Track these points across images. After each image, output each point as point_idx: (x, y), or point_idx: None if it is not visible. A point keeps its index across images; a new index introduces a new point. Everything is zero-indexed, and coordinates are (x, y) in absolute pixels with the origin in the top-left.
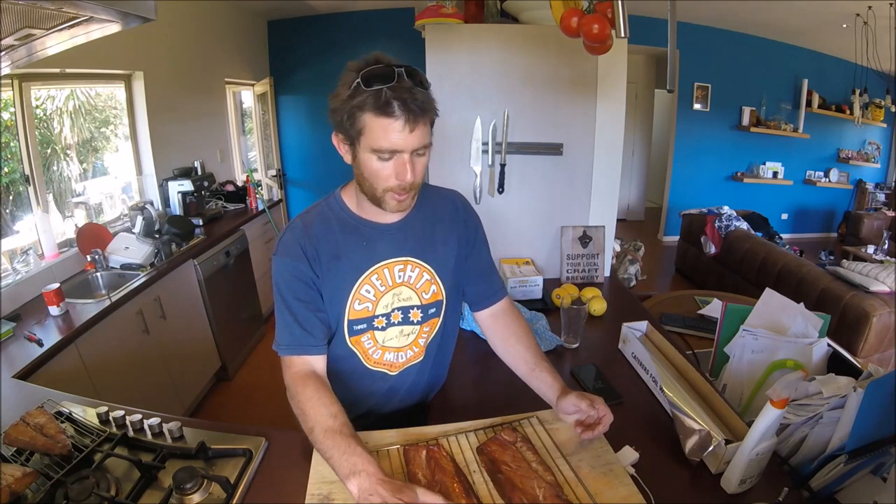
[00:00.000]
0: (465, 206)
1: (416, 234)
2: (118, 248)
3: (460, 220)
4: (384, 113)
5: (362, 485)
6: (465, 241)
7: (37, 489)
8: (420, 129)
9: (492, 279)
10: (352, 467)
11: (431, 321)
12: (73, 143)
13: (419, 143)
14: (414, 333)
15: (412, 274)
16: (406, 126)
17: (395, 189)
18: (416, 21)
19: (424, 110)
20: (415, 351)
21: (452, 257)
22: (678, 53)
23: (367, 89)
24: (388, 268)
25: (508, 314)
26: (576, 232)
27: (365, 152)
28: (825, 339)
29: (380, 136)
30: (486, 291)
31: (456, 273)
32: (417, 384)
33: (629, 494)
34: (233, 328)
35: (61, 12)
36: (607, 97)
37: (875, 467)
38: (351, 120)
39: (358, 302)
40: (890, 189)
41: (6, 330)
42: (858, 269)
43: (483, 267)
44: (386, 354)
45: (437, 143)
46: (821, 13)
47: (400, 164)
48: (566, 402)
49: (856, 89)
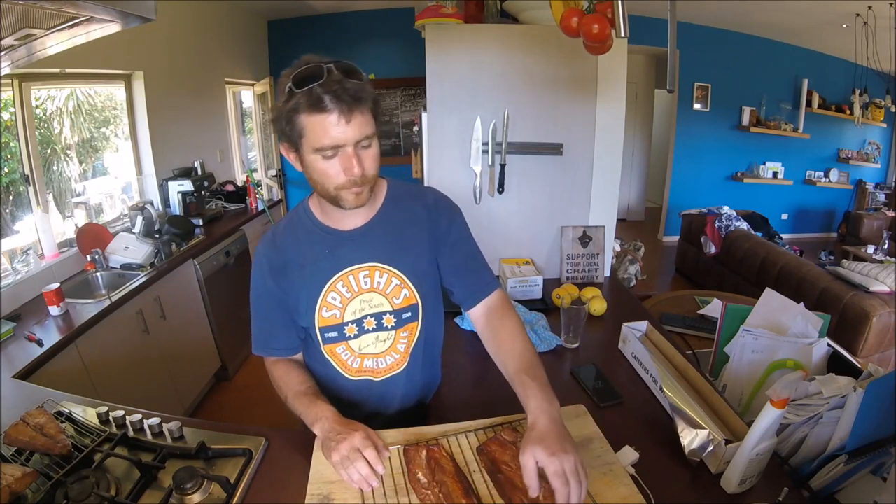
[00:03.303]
0: (436, 203)
1: (383, 239)
2: (118, 248)
3: (432, 219)
4: (318, 109)
5: (323, 426)
6: (438, 239)
7: (37, 489)
8: (358, 119)
9: (477, 274)
10: (315, 416)
11: (409, 325)
12: (73, 143)
13: (360, 134)
14: (390, 339)
15: (381, 280)
16: (341, 118)
17: (346, 185)
18: (416, 21)
19: (358, 99)
20: (395, 357)
21: (425, 259)
22: (678, 53)
23: (298, 91)
24: (353, 274)
25: (496, 313)
26: (576, 232)
27: (309, 154)
28: (825, 339)
29: (319, 134)
30: (472, 287)
31: (431, 274)
32: (411, 389)
33: (629, 494)
34: (233, 328)
35: (61, 12)
36: (607, 97)
37: (875, 467)
38: (290, 125)
39: (325, 309)
40: (890, 189)
41: (6, 330)
42: (858, 269)
43: (463, 262)
44: (365, 361)
45: (438, 143)
46: (821, 13)
47: (345, 159)
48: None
49: (856, 89)
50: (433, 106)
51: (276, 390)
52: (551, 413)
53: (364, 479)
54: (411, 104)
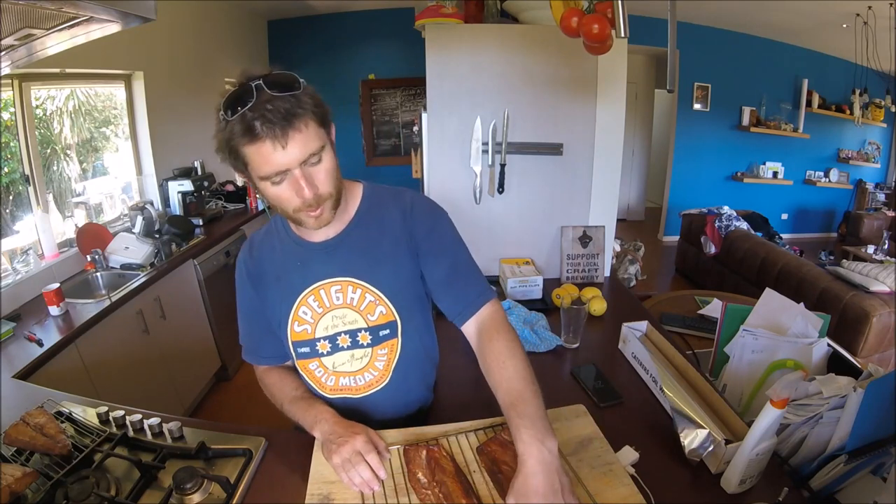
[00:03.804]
0: (413, 209)
1: (356, 251)
2: (118, 248)
3: (408, 227)
4: (251, 138)
5: (323, 428)
6: (418, 248)
7: (37, 489)
8: (297, 139)
9: (464, 287)
10: (314, 418)
11: (387, 343)
12: (73, 143)
13: (302, 154)
14: (367, 356)
15: (354, 296)
16: (276, 144)
17: (302, 208)
18: (416, 21)
19: (292, 116)
20: (374, 374)
21: (405, 272)
22: (678, 53)
23: (231, 118)
24: (325, 289)
25: (485, 334)
26: (576, 232)
27: (259, 182)
28: (825, 339)
29: (260, 163)
30: (459, 302)
31: (412, 288)
32: (396, 406)
33: (629, 494)
34: (233, 328)
35: (61, 12)
36: (607, 97)
37: (875, 467)
38: (232, 155)
39: (297, 324)
40: (890, 189)
41: (6, 330)
42: (858, 269)
43: (447, 275)
44: (342, 379)
45: (438, 143)
46: (821, 13)
47: (293, 183)
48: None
49: (856, 89)
50: (433, 106)
51: (269, 398)
52: (540, 454)
53: (366, 483)
54: (411, 104)
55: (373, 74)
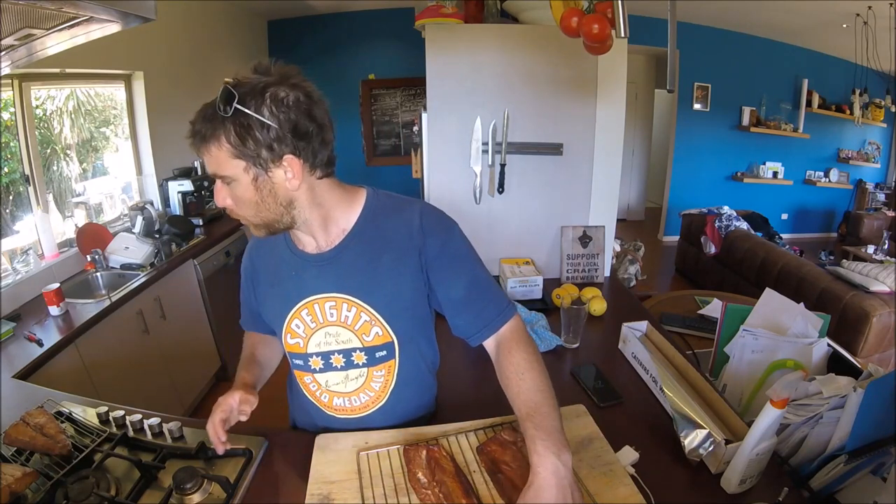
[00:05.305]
0: (423, 226)
1: (353, 268)
2: (118, 248)
3: (414, 245)
4: None
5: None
6: (429, 266)
7: (37, 489)
8: (208, 157)
9: (483, 307)
10: (235, 383)
11: (384, 364)
12: (73, 143)
13: (212, 170)
14: (363, 376)
15: (349, 314)
16: (199, 152)
17: None
18: (416, 21)
19: (203, 137)
20: (370, 395)
21: (407, 293)
22: (678, 53)
23: None
24: (318, 304)
25: (504, 348)
26: (576, 232)
27: None
28: (825, 339)
29: None
30: (478, 322)
31: (414, 310)
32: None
33: (629, 494)
34: (233, 328)
35: (61, 12)
36: (607, 97)
37: (875, 467)
38: None
39: (290, 336)
40: (890, 189)
41: (6, 330)
42: (858, 269)
43: (465, 296)
44: (335, 399)
45: (438, 143)
46: (821, 13)
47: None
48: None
49: (856, 89)
50: (433, 106)
51: None
52: (555, 467)
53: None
54: (411, 104)
55: (373, 74)
